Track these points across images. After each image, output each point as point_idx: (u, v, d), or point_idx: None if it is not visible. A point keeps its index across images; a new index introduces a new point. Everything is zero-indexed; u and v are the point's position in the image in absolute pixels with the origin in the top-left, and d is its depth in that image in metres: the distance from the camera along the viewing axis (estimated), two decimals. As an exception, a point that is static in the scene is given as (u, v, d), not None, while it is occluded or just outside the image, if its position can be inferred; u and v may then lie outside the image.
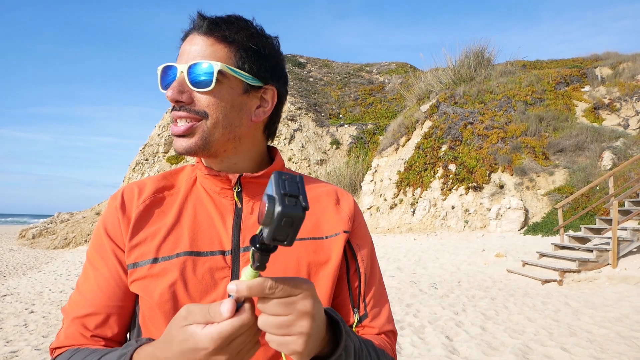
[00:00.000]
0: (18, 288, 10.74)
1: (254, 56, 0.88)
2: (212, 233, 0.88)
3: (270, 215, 0.56)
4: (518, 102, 17.79)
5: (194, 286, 0.84)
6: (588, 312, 6.41)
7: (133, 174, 26.92)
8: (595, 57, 22.70)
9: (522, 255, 10.60)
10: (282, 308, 0.62)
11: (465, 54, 21.19)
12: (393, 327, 0.96)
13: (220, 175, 0.89)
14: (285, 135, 23.18)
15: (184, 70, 0.84)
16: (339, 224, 0.94)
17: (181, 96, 0.84)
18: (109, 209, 0.92)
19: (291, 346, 0.63)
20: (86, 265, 0.91)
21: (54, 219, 28.20)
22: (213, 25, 0.86)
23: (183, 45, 0.88)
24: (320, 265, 0.89)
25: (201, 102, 0.85)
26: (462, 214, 14.90)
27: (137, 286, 0.86)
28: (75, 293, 0.90)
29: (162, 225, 0.88)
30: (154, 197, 0.92)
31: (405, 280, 9.11)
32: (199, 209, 0.90)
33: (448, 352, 4.72)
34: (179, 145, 0.86)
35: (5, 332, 6.46)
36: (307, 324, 0.63)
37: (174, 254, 0.85)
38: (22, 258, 18.80)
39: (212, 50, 0.85)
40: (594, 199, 12.58)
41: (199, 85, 0.84)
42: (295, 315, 0.63)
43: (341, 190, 1.01)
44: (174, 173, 0.98)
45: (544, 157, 15.09)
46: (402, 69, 30.82)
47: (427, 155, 17.27)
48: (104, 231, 0.90)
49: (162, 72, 0.88)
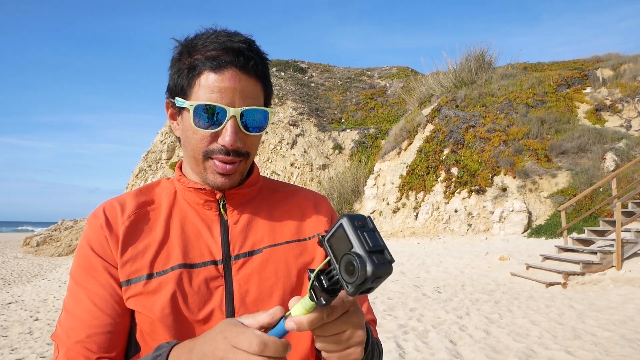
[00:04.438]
0: (23, 296, 10.78)
1: (271, 88, 0.93)
2: (201, 244, 0.90)
3: (362, 276, 0.57)
4: (519, 104, 17.79)
5: (192, 297, 0.86)
6: (592, 314, 6.39)
7: (136, 181, 26.99)
8: (596, 59, 22.68)
9: (526, 258, 10.57)
10: (339, 326, 0.68)
11: (466, 57, 21.21)
12: (373, 315, 1.04)
13: (205, 189, 0.92)
14: (287, 140, 23.22)
15: (237, 115, 0.85)
16: (319, 224, 1.00)
17: (239, 142, 0.87)
18: (92, 228, 0.90)
19: (351, 356, 0.70)
20: (73, 287, 0.88)
21: (58, 226, 28.28)
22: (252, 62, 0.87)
23: (220, 81, 0.84)
24: (307, 265, 0.95)
25: (247, 144, 0.89)
26: (465, 218, 14.87)
27: (133, 302, 0.86)
28: (65, 317, 0.87)
29: (151, 240, 0.89)
30: (137, 212, 0.92)
31: (408, 284, 9.09)
32: (185, 222, 0.92)
33: (452, 357, 4.72)
34: (223, 183, 0.89)
35: (11, 339, 6.48)
36: (362, 333, 0.70)
37: (168, 268, 0.87)
38: (26, 266, 18.85)
39: (255, 92, 0.88)
40: (597, 200, 12.55)
41: (254, 131, 0.88)
42: (352, 329, 0.69)
43: (317, 194, 1.07)
44: (150, 188, 0.98)
45: (547, 160, 15.07)
46: (404, 73, 30.84)
47: (429, 158, 17.27)
48: (91, 250, 0.88)
49: (201, 109, 0.85)
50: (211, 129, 0.85)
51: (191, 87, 0.86)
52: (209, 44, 0.86)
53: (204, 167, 0.89)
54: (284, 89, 26.11)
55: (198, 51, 0.86)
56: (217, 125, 0.85)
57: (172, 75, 0.90)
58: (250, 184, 0.96)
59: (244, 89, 0.85)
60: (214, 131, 0.85)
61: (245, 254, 0.91)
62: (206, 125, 0.85)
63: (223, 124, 0.85)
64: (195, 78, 0.85)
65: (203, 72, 0.85)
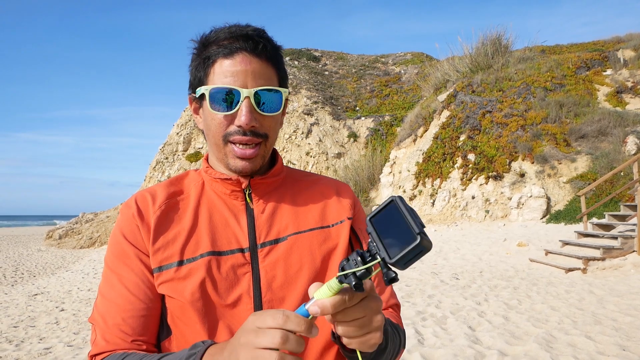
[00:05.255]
0: (48, 287, 11.07)
1: (284, 71, 0.96)
2: (229, 233, 0.94)
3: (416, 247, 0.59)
4: (537, 88, 17.48)
5: (221, 283, 0.90)
6: (613, 300, 6.33)
7: (154, 173, 27.32)
8: (617, 40, 22.12)
9: (545, 244, 10.48)
10: (360, 311, 0.69)
11: (482, 41, 20.85)
12: (397, 300, 1.07)
13: (231, 179, 0.96)
14: (302, 129, 23.23)
15: (250, 95, 0.88)
16: (342, 212, 1.02)
17: (255, 122, 0.90)
18: (125, 217, 0.95)
19: (371, 341, 0.72)
20: (108, 274, 0.94)
21: (79, 219, 28.84)
22: (261, 45, 0.90)
23: (232, 65, 0.89)
24: (331, 251, 0.97)
25: (264, 126, 0.92)
26: (483, 204, 14.76)
27: (165, 288, 0.90)
28: (101, 301, 0.92)
29: (180, 229, 0.94)
30: (167, 202, 0.97)
31: (426, 271, 9.10)
32: (213, 212, 0.96)
33: (471, 342, 4.73)
34: (245, 166, 0.93)
35: (39, 329, 6.69)
36: (380, 318, 0.72)
37: (197, 255, 0.91)
38: (50, 258, 19.32)
39: (267, 74, 0.91)
40: (618, 185, 12.33)
41: (269, 111, 0.91)
42: (371, 314, 0.71)
43: (340, 182, 1.09)
44: (179, 179, 1.03)
45: (566, 144, 14.83)
46: (418, 59, 30.51)
47: (445, 145, 17.12)
48: (124, 238, 0.93)
49: (215, 93, 0.89)
50: (227, 111, 0.89)
51: (207, 76, 0.92)
52: (221, 34, 0.91)
53: (224, 153, 0.93)
54: (298, 78, 26.05)
55: (212, 43, 0.92)
56: (232, 107, 0.89)
57: (191, 71, 0.96)
58: (275, 174, 1.00)
59: (255, 70, 0.89)
60: (229, 113, 0.89)
61: (271, 242, 0.94)
62: (222, 109, 0.89)
63: (238, 105, 0.89)
64: (210, 67, 0.91)
65: (217, 60, 0.90)
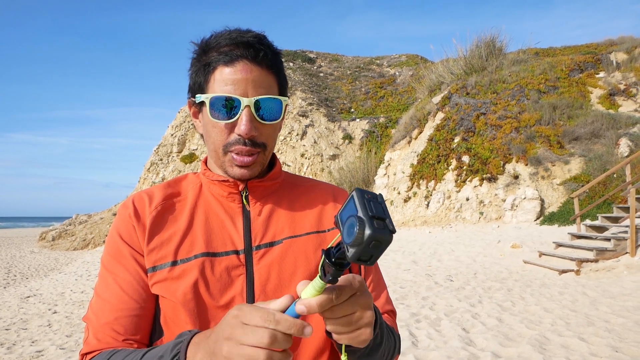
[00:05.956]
0: (40, 289, 10.99)
1: (284, 78, 0.97)
2: (224, 235, 0.94)
3: (360, 237, 0.58)
4: (531, 90, 17.58)
5: (214, 284, 0.90)
6: (606, 301, 6.36)
7: (148, 174, 27.24)
8: (610, 42, 22.28)
9: (539, 246, 10.53)
10: (349, 308, 0.70)
11: (476, 43, 20.98)
12: (392, 307, 1.07)
13: (229, 181, 0.96)
14: (297, 131, 23.23)
15: (251, 104, 0.89)
16: None
17: (254, 131, 0.90)
18: (121, 217, 0.96)
19: (361, 337, 0.72)
20: (103, 273, 0.94)
21: (73, 221, 28.69)
22: (262, 53, 0.90)
23: (233, 73, 0.89)
24: None
25: (264, 134, 0.93)
26: (477, 206, 14.81)
27: (158, 288, 0.91)
28: (96, 300, 0.93)
29: (176, 229, 0.94)
30: (164, 203, 0.97)
31: (420, 273, 9.11)
32: (209, 213, 0.97)
33: (464, 344, 4.74)
34: (243, 174, 0.93)
35: (31, 332, 6.64)
36: (370, 314, 0.73)
37: (191, 255, 0.91)
38: (43, 260, 19.20)
39: (267, 82, 0.91)
40: (611, 187, 12.41)
41: (269, 119, 0.92)
42: (360, 310, 0.71)
43: (337, 188, 1.10)
44: (177, 181, 1.04)
45: (559, 146, 14.91)
46: (413, 61, 30.61)
47: (440, 147, 17.18)
48: (120, 238, 0.94)
49: (216, 101, 0.89)
50: (227, 119, 0.89)
51: (207, 82, 0.91)
52: (222, 40, 0.91)
53: (223, 161, 0.94)
54: (293, 80, 26.06)
55: (212, 49, 0.91)
56: (232, 115, 0.89)
57: (191, 75, 0.96)
58: (273, 177, 1.00)
59: (256, 79, 0.89)
60: (230, 122, 0.89)
61: (266, 245, 0.95)
62: (222, 117, 0.89)
63: (238, 114, 0.89)
64: (211, 74, 0.91)
65: (217, 67, 0.90)
